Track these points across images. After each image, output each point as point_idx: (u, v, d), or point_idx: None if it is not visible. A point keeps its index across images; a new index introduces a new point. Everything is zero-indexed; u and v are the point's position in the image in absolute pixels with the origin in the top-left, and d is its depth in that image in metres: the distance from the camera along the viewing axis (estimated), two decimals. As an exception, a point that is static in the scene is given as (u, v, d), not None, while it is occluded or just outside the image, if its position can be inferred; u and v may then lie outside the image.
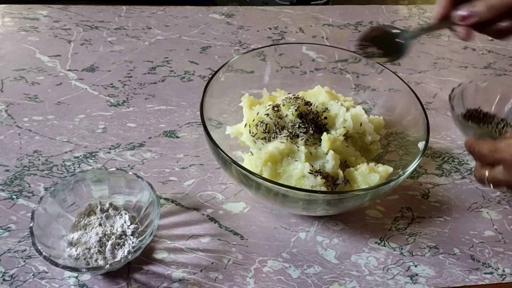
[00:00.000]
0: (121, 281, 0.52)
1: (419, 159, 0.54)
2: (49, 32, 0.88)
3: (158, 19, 0.95)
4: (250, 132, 0.60)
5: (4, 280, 0.51)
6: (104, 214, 0.55)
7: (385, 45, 0.61)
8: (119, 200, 0.58)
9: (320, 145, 0.58)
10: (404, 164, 0.58)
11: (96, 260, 0.51)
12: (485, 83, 0.75)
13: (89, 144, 0.67)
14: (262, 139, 0.60)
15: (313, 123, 0.60)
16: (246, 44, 0.90)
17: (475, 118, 0.74)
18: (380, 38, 0.61)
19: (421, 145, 0.57)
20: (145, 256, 0.54)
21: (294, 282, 0.53)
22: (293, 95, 0.64)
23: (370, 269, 0.55)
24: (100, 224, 0.54)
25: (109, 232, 0.53)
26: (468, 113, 0.75)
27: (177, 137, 0.70)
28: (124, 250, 0.52)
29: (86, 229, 0.54)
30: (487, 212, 0.63)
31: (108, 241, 0.52)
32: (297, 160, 0.56)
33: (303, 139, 0.58)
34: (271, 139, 0.59)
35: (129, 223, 0.55)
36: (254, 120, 0.60)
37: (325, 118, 0.61)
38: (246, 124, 0.61)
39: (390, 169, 0.57)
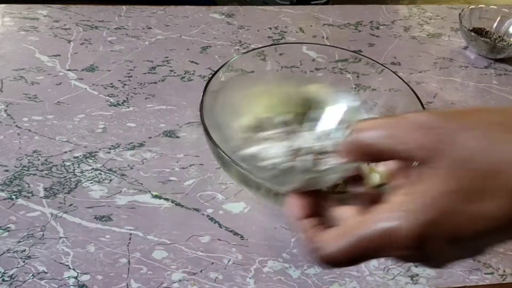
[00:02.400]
0: (121, 281, 0.52)
1: (419, 159, 0.54)
2: (49, 32, 0.88)
3: (158, 19, 0.95)
4: (250, 132, 0.60)
5: (3, 280, 0.51)
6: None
7: None
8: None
9: (320, 145, 0.58)
10: (405, 164, 0.58)
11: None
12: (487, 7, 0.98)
13: (89, 144, 0.67)
14: (262, 139, 0.59)
15: (313, 123, 0.60)
16: (246, 44, 0.90)
17: (477, 32, 0.94)
18: None
19: (421, 145, 0.57)
20: (145, 256, 0.54)
21: (294, 283, 0.53)
22: (293, 95, 0.64)
23: (370, 270, 0.55)
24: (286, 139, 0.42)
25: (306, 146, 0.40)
26: (474, 29, 0.95)
27: (177, 137, 0.70)
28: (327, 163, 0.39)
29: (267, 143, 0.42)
30: (488, 212, 0.63)
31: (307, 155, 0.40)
32: (297, 160, 0.56)
33: (303, 139, 0.58)
34: (271, 139, 0.59)
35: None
36: (254, 120, 0.60)
37: (325, 118, 0.61)
38: (246, 124, 0.61)
39: (391, 169, 0.57)
